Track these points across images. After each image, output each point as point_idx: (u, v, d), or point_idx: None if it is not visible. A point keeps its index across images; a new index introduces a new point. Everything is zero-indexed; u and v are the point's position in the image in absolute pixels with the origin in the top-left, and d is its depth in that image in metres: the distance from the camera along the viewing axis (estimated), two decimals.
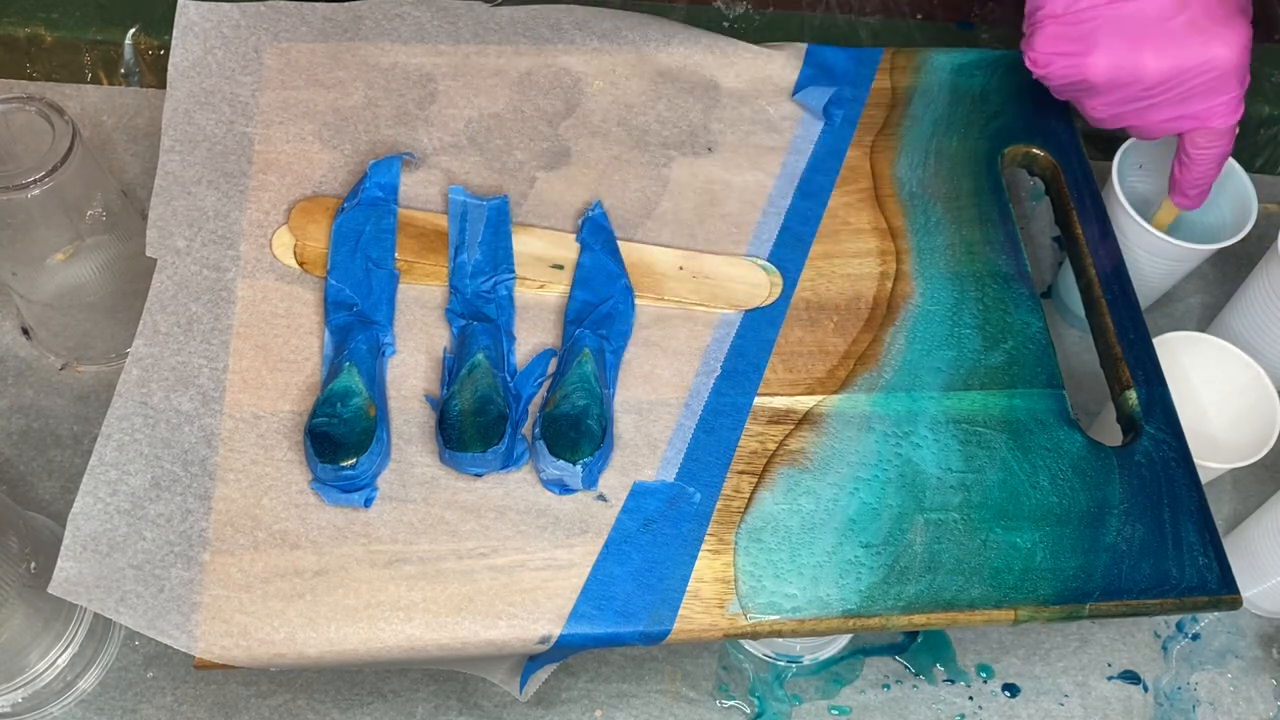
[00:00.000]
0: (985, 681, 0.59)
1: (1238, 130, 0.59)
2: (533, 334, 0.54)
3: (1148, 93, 0.56)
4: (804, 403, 0.53)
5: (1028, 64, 0.57)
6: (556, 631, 0.46)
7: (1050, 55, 0.56)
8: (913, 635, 0.60)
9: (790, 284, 0.56)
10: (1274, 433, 0.59)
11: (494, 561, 0.48)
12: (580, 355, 0.52)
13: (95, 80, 0.72)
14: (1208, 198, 0.62)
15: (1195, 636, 0.61)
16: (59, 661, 0.54)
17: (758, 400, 0.53)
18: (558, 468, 0.49)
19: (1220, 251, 0.74)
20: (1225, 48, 0.54)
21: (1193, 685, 0.60)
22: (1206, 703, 0.59)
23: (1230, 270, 0.73)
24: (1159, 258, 0.63)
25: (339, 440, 0.48)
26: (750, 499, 0.50)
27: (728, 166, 0.60)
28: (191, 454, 0.49)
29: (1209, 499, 0.53)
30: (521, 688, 0.52)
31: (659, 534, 0.49)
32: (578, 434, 0.49)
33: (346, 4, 0.63)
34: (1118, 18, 0.54)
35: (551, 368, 0.53)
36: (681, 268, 0.56)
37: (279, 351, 0.52)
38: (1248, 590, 0.60)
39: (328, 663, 0.46)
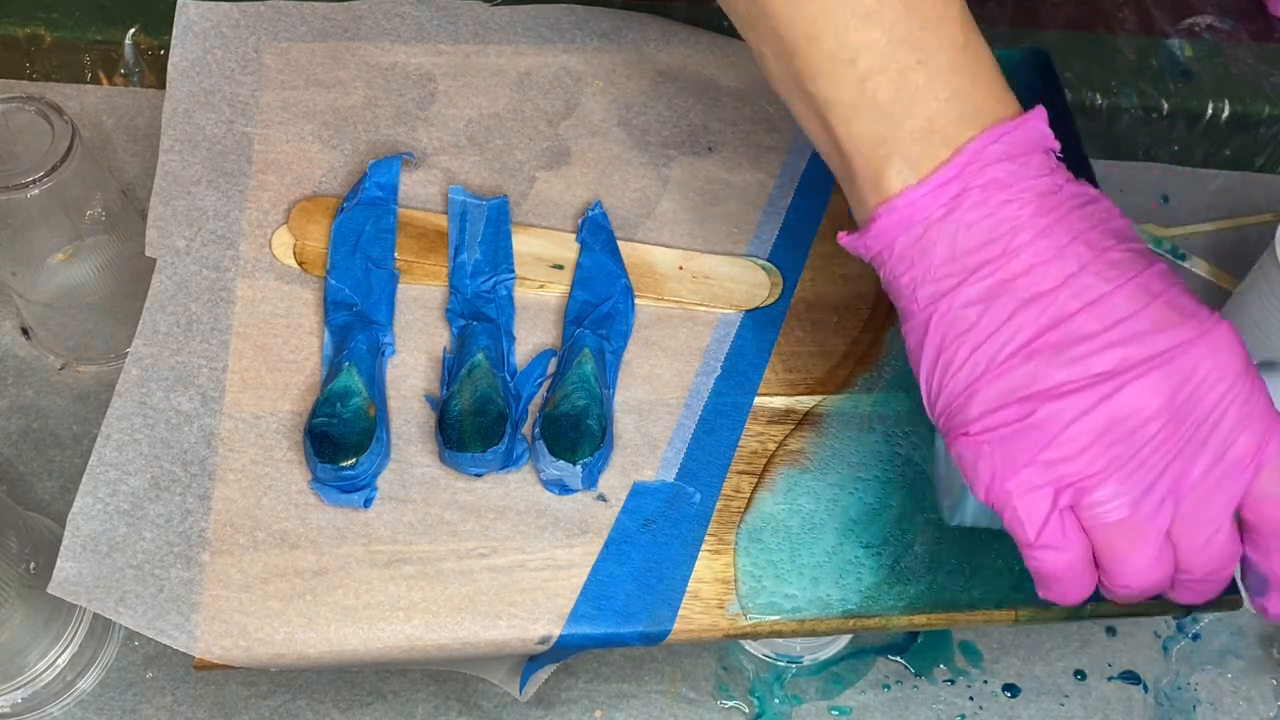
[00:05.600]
0: (985, 682, 0.59)
1: None
2: (533, 334, 0.54)
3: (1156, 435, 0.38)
4: (804, 403, 0.53)
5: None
6: (556, 632, 0.46)
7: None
8: (913, 635, 0.60)
9: (790, 284, 0.56)
10: None
11: (494, 562, 0.48)
12: (580, 355, 0.52)
13: (95, 80, 0.72)
14: None
15: (1195, 636, 0.61)
16: (58, 662, 0.54)
17: (758, 400, 0.53)
18: (558, 468, 0.49)
19: (1219, 251, 0.74)
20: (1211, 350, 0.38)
21: (1193, 685, 0.60)
22: (1206, 703, 0.59)
23: (1230, 270, 0.73)
24: None
25: (339, 440, 0.48)
26: (750, 499, 0.50)
27: (728, 166, 0.60)
28: (191, 454, 0.49)
29: None
30: (521, 688, 0.52)
31: (659, 534, 0.49)
32: (578, 434, 0.49)
33: (346, 4, 0.63)
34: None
35: (551, 368, 0.53)
36: (681, 268, 0.56)
37: (279, 351, 0.52)
38: None
39: (327, 663, 0.46)
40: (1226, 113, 0.74)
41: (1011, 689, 0.59)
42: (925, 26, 0.39)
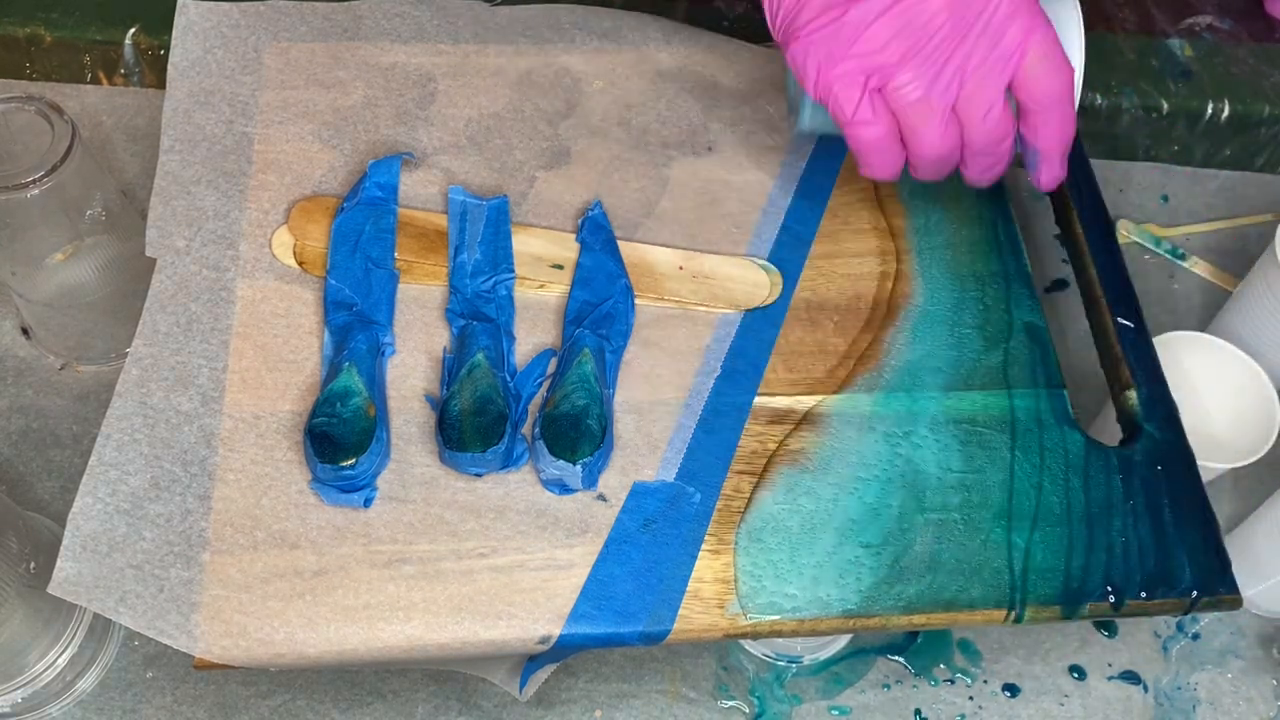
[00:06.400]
0: (985, 681, 0.59)
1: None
2: (532, 334, 0.54)
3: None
4: (804, 403, 0.53)
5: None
6: (556, 631, 0.46)
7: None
8: (913, 635, 0.60)
9: (790, 284, 0.56)
10: (1274, 432, 0.59)
11: (494, 561, 0.48)
12: (580, 355, 0.52)
13: (95, 80, 0.72)
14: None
15: (1195, 636, 0.61)
16: (58, 662, 0.54)
17: (758, 400, 0.53)
18: (557, 468, 0.49)
19: (1219, 251, 0.74)
20: None
21: (1193, 685, 0.60)
22: (1206, 703, 0.59)
23: (1230, 270, 0.73)
24: None
25: (338, 440, 0.48)
26: (750, 499, 0.50)
27: (728, 166, 0.60)
28: (191, 454, 0.49)
29: (1209, 499, 0.53)
30: (521, 688, 0.52)
31: (659, 534, 0.49)
32: (577, 434, 0.49)
33: (346, 4, 0.63)
34: None
35: (551, 368, 0.53)
36: (681, 268, 0.56)
37: (279, 351, 0.52)
38: (1248, 590, 0.60)
39: (327, 663, 0.46)
40: (1226, 113, 0.74)
41: (1011, 689, 0.59)
42: None
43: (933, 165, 0.50)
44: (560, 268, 0.55)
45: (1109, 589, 0.49)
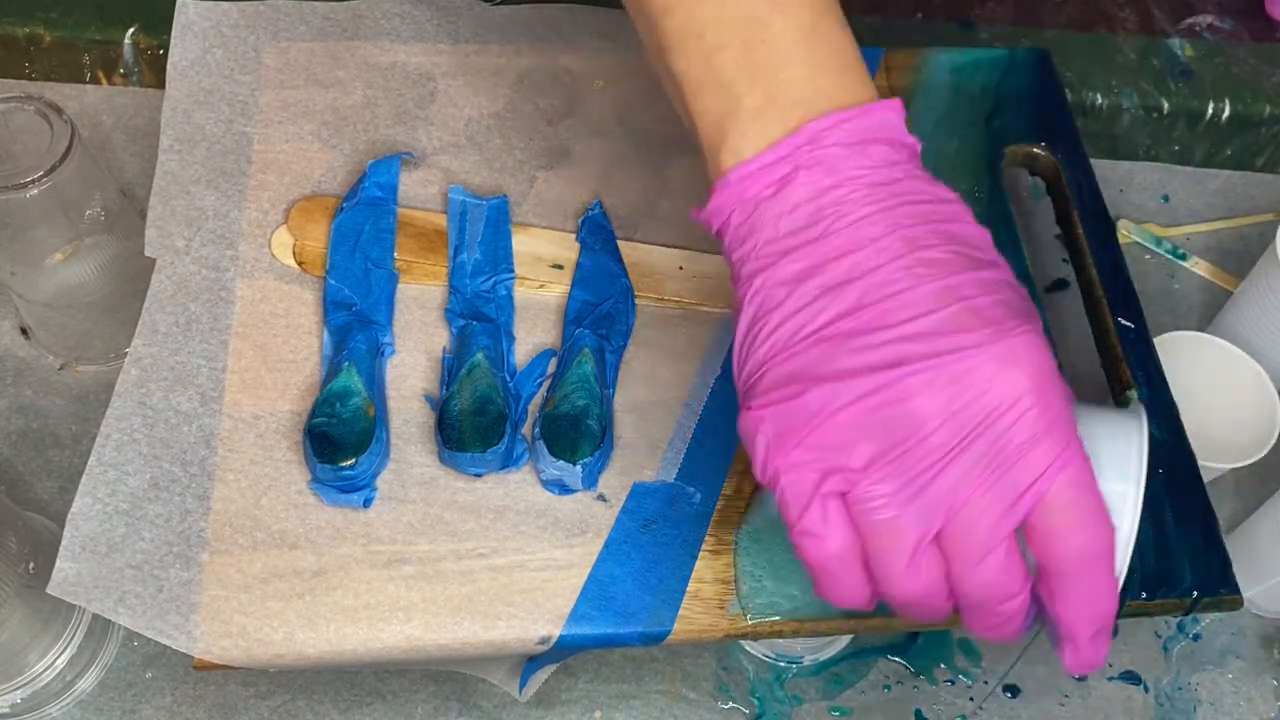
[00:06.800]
0: (985, 682, 0.59)
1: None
2: (532, 334, 0.53)
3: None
4: None
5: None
6: (556, 632, 0.46)
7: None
8: (913, 635, 0.60)
9: None
10: (1274, 432, 0.59)
11: (493, 562, 0.48)
12: (580, 355, 0.52)
13: (94, 80, 0.72)
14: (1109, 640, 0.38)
15: (1196, 637, 0.61)
16: (58, 662, 0.54)
17: None
18: (557, 468, 0.49)
19: (1219, 251, 0.74)
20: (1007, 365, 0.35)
21: (1193, 685, 0.60)
22: (1207, 703, 0.59)
23: (1231, 270, 0.73)
24: None
25: (338, 440, 0.48)
26: (750, 499, 0.50)
27: None
28: (190, 454, 0.49)
29: (1209, 499, 0.53)
30: (521, 688, 0.52)
31: (659, 534, 0.49)
32: (577, 434, 0.49)
33: (346, 3, 0.63)
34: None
35: (551, 368, 0.52)
36: (681, 268, 0.56)
37: (278, 351, 0.52)
38: (1248, 590, 0.60)
39: (327, 663, 0.46)
40: (1227, 112, 0.74)
41: (1011, 689, 0.59)
42: (772, 6, 0.39)
43: (907, 607, 0.37)
44: (560, 268, 0.55)
45: None
